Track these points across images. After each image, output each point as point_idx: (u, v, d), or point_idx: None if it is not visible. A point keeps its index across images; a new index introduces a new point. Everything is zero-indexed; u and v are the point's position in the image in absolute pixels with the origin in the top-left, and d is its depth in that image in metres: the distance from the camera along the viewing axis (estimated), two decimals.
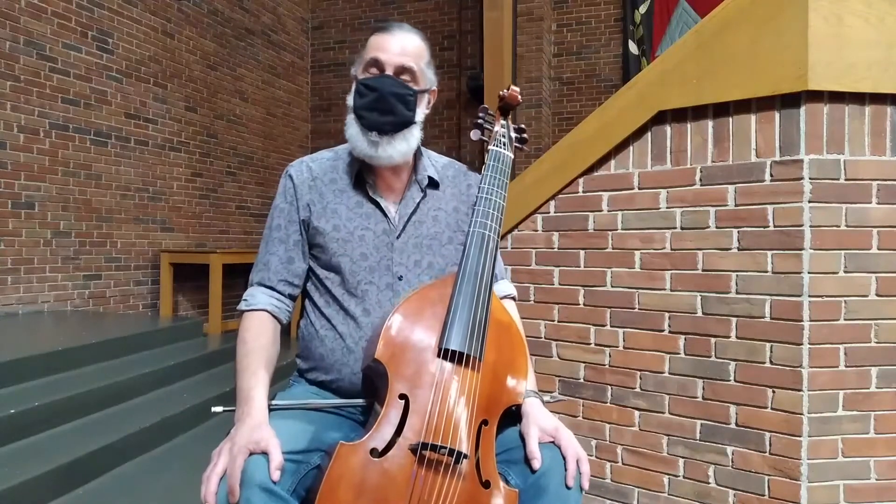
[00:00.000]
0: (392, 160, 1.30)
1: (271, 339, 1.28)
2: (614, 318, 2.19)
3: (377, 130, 1.28)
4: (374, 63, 1.29)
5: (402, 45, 1.30)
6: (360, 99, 1.29)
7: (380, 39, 1.31)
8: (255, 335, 1.27)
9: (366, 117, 1.28)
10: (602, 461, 2.21)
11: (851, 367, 1.84)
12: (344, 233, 1.31)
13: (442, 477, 1.06)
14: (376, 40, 1.31)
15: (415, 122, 1.31)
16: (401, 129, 1.29)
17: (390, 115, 1.28)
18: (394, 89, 1.28)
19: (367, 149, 1.29)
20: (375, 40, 1.31)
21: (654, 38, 6.52)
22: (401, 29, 1.32)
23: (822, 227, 1.83)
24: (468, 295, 1.19)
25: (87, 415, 3.00)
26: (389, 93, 1.27)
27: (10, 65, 4.41)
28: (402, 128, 1.30)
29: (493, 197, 1.31)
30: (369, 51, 1.31)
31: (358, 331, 1.28)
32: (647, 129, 2.12)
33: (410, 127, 1.31)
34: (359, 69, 1.33)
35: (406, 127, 1.30)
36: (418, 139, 1.34)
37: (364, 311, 1.29)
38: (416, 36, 1.33)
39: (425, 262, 1.34)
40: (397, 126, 1.29)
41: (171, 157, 5.82)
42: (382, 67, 1.29)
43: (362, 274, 1.30)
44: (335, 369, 1.29)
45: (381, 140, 1.28)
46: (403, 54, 1.30)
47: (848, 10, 1.81)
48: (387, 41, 1.30)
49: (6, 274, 4.40)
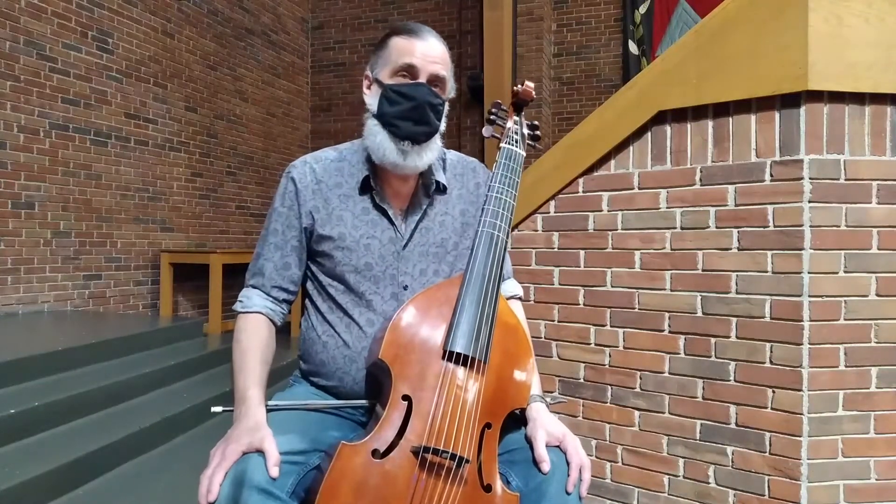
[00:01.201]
0: (417, 169, 1.27)
1: (266, 339, 1.27)
2: (614, 318, 2.19)
3: (411, 140, 1.24)
4: (408, 69, 1.24)
5: (434, 52, 1.25)
6: (392, 107, 1.24)
7: (411, 44, 1.24)
8: (250, 335, 1.25)
9: (400, 126, 1.23)
10: (602, 461, 2.21)
11: (851, 367, 1.84)
12: (349, 241, 1.27)
13: (443, 481, 1.06)
14: (406, 44, 1.24)
15: (441, 131, 1.29)
16: (430, 138, 1.27)
17: (425, 126, 1.24)
18: (429, 99, 1.24)
19: (396, 157, 1.24)
20: (405, 44, 1.25)
21: (654, 38, 6.52)
22: (430, 34, 1.27)
23: (822, 227, 1.83)
24: (475, 296, 1.18)
25: (87, 415, 3.00)
26: (426, 102, 1.23)
27: (10, 65, 4.41)
28: (432, 137, 1.27)
29: (504, 196, 1.29)
30: (401, 54, 1.24)
31: (361, 340, 1.26)
32: (647, 129, 2.12)
33: (437, 136, 1.29)
34: (383, 72, 1.26)
35: (434, 136, 1.28)
36: (441, 148, 1.32)
37: (368, 320, 1.27)
38: (443, 44, 1.28)
39: (431, 271, 1.31)
40: (429, 136, 1.26)
41: (171, 157, 5.82)
42: (416, 74, 1.24)
43: (367, 284, 1.27)
44: (336, 376, 1.27)
45: (411, 150, 1.24)
46: (436, 62, 1.25)
47: (848, 10, 1.81)
48: (419, 46, 1.24)
49: (6, 274, 4.40)
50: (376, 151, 1.26)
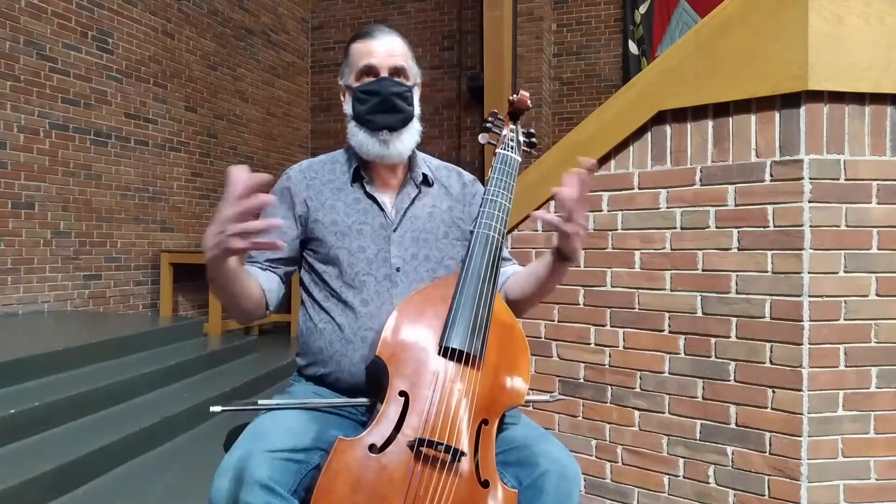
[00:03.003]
0: (402, 155, 1.36)
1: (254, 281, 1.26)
2: (614, 318, 2.19)
3: (387, 129, 1.32)
4: (368, 69, 1.33)
5: (389, 48, 1.34)
6: (362, 105, 1.33)
7: (366, 46, 1.34)
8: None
9: (372, 120, 1.32)
10: (602, 461, 2.21)
11: (851, 367, 1.84)
12: (342, 226, 1.34)
13: (439, 474, 1.06)
14: (363, 47, 1.34)
15: (415, 115, 1.37)
16: (406, 124, 1.35)
17: (397, 113, 1.33)
18: (393, 88, 1.32)
19: (379, 149, 1.33)
20: (362, 47, 1.35)
21: (654, 38, 6.52)
22: (382, 32, 1.36)
23: (822, 227, 1.83)
24: (471, 294, 1.20)
25: (87, 415, 3.00)
26: (391, 93, 1.32)
27: (10, 65, 4.41)
28: (408, 122, 1.35)
29: (499, 199, 1.34)
30: (359, 58, 1.34)
31: (356, 321, 1.29)
32: (647, 129, 2.12)
33: (413, 121, 1.37)
34: (350, 78, 1.36)
35: (410, 121, 1.36)
36: (420, 132, 1.39)
37: (362, 301, 1.30)
38: (397, 36, 1.37)
39: (422, 255, 1.36)
40: (404, 122, 1.34)
41: (171, 157, 5.82)
42: (377, 72, 1.33)
43: (360, 266, 1.32)
44: (334, 361, 1.29)
45: (390, 137, 1.32)
46: (393, 55, 1.34)
47: (848, 10, 1.81)
48: (374, 46, 1.34)
49: (6, 274, 4.40)
50: (361, 149, 1.35)
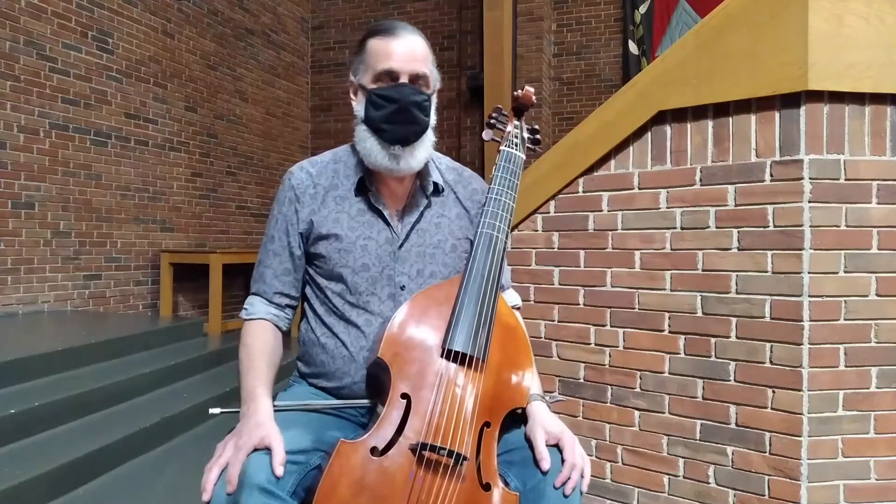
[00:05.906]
0: (412, 171, 1.28)
1: (273, 343, 1.28)
2: (614, 318, 2.19)
3: (401, 143, 1.23)
4: (388, 73, 1.23)
5: (412, 51, 1.24)
6: (377, 111, 1.23)
7: (387, 45, 1.23)
8: (256, 338, 1.27)
9: (387, 130, 1.23)
10: (602, 461, 2.21)
11: (851, 367, 1.84)
12: (346, 242, 1.27)
13: (441, 478, 1.06)
14: (383, 46, 1.23)
15: (431, 126, 1.28)
16: (420, 136, 1.26)
17: (413, 125, 1.24)
18: (413, 98, 1.22)
19: (388, 162, 1.24)
20: (382, 46, 1.24)
21: (654, 38, 6.52)
22: (405, 31, 1.26)
23: (822, 227, 1.83)
24: (474, 296, 1.18)
25: (87, 415, 3.00)
26: (410, 102, 1.22)
27: (10, 65, 4.41)
28: (422, 134, 1.26)
29: (503, 198, 1.30)
30: (378, 59, 1.23)
31: (360, 339, 1.26)
32: (647, 129, 2.12)
33: (427, 132, 1.28)
34: (365, 77, 1.26)
35: (424, 132, 1.27)
36: (433, 142, 1.31)
37: (366, 321, 1.27)
38: (420, 37, 1.27)
39: (427, 272, 1.31)
40: (418, 134, 1.25)
41: (171, 157, 5.82)
42: (397, 77, 1.23)
43: (364, 285, 1.27)
44: (336, 377, 1.28)
45: (402, 153, 1.24)
46: (415, 60, 1.24)
47: (848, 10, 1.81)
48: (395, 47, 1.23)
49: (6, 274, 4.40)
50: (368, 157, 1.26)
